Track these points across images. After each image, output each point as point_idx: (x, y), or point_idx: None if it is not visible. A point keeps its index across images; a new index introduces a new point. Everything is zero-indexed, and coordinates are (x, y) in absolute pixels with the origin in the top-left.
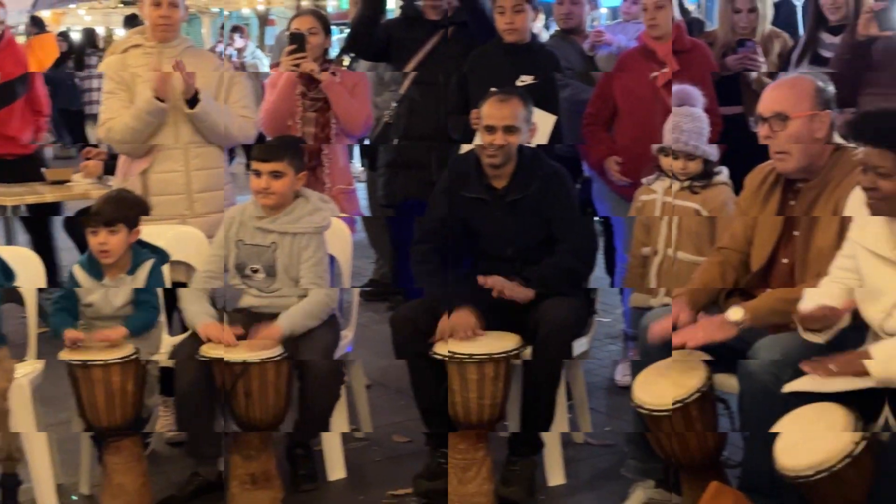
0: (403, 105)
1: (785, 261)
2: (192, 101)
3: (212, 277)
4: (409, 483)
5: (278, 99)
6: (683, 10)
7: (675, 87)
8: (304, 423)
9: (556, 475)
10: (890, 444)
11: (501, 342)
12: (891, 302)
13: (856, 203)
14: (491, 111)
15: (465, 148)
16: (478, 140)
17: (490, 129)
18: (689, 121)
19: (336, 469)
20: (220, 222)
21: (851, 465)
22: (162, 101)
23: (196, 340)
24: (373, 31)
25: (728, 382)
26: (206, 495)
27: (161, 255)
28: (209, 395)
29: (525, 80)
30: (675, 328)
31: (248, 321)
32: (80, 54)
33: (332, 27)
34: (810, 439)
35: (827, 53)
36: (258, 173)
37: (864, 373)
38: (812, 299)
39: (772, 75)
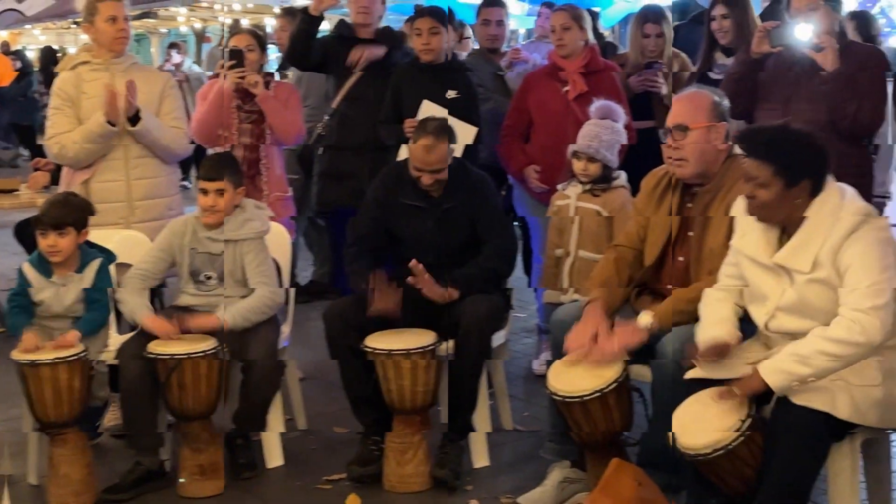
0: (335, 118)
1: (681, 259)
2: (134, 118)
3: (147, 277)
4: (342, 469)
5: (209, 110)
6: (598, 35)
7: (600, 102)
8: (244, 415)
9: (480, 458)
10: (773, 423)
11: (421, 337)
12: (773, 305)
13: (738, 210)
14: (421, 155)
15: (402, 155)
16: (404, 150)
17: (418, 170)
18: (608, 133)
19: (274, 457)
20: (160, 229)
21: (744, 443)
22: (113, 124)
23: (141, 338)
24: (309, 46)
25: (642, 372)
26: (149, 483)
27: (108, 255)
28: (151, 391)
29: (451, 94)
30: None
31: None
32: (46, 71)
33: (270, 46)
34: (707, 421)
35: (716, 75)
36: (206, 192)
37: (762, 389)
38: (706, 333)
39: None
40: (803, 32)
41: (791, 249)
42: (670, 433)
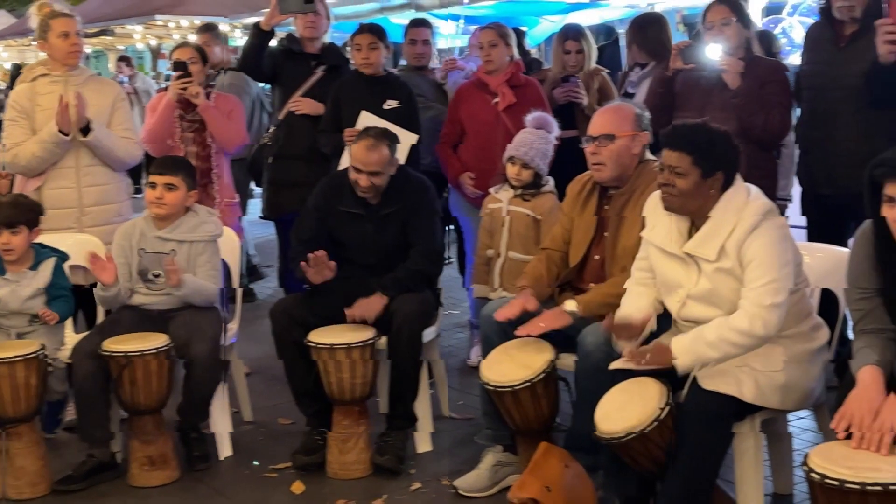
0: (282, 128)
1: (597, 257)
2: (86, 129)
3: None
4: (288, 458)
5: (158, 121)
6: (524, 52)
7: (536, 113)
8: (187, 408)
9: (424, 443)
10: (684, 409)
11: (361, 333)
12: (684, 293)
13: (650, 206)
14: (360, 155)
15: (342, 164)
16: (345, 159)
17: (357, 170)
18: (541, 142)
19: (224, 448)
20: (111, 233)
21: (657, 428)
22: (66, 133)
23: (95, 337)
24: (260, 58)
25: (567, 362)
26: (101, 474)
27: (61, 255)
28: (104, 387)
29: (391, 104)
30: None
31: (139, 318)
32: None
33: None
34: (625, 408)
35: (632, 89)
36: (154, 185)
37: (669, 364)
38: (621, 312)
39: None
40: (713, 52)
41: (699, 239)
42: (591, 419)
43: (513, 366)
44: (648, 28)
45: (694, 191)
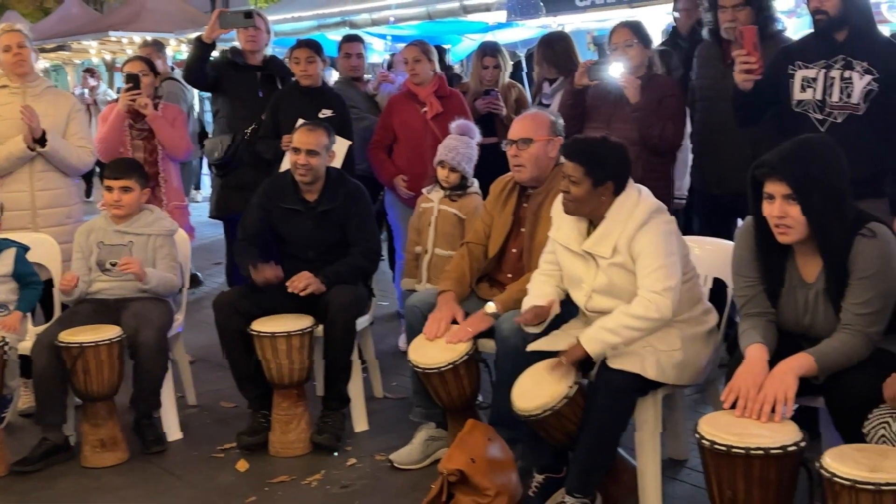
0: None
1: (514, 250)
2: (42, 139)
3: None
4: (233, 439)
5: (109, 130)
6: (447, 67)
7: (460, 121)
8: (140, 396)
9: (360, 423)
10: (594, 385)
11: (300, 321)
12: (589, 288)
13: (556, 208)
14: (300, 137)
15: (283, 167)
16: (286, 162)
17: (296, 151)
18: (466, 148)
19: (173, 431)
20: (65, 233)
21: (568, 404)
22: (32, 148)
23: (53, 329)
24: (203, 68)
25: (488, 345)
26: (55, 456)
27: (21, 246)
28: (61, 376)
29: (326, 113)
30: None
31: (95, 309)
32: None
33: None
34: (539, 387)
35: (546, 101)
36: (111, 189)
37: (584, 357)
38: (528, 301)
39: None
40: (615, 70)
41: (595, 238)
42: (510, 397)
43: (438, 350)
44: (556, 45)
45: (587, 197)
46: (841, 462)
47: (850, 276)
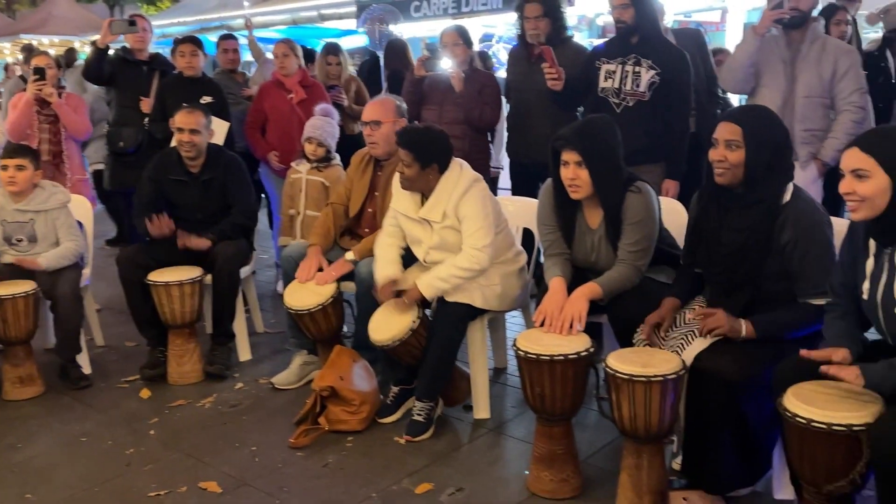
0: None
1: (370, 210)
2: None
3: None
4: (136, 372)
5: (19, 115)
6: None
7: (323, 105)
8: (63, 344)
9: (244, 353)
10: (435, 315)
11: (190, 272)
12: (427, 246)
13: (395, 184)
14: (182, 118)
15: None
16: (172, 143)
17: (180, 130)
18: (329, 126)
19: (83, 368)
20: None
21: (413, 335)
22: None
23: None
24: (99, 68)
25: (349, 286)
26: None
27: None
28: None
29: (206, 99)
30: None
31: (15, 268)
32: None
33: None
34: (389, 322)
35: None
36: (6, 167)
37: (421, 298)
38: (382, 272)
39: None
40: (445, 64)
41: (428, 207)
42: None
43: (308, 294)
44: (395, 46)
45: (417, 177)
46: (620, 362)
47: (622, 223)
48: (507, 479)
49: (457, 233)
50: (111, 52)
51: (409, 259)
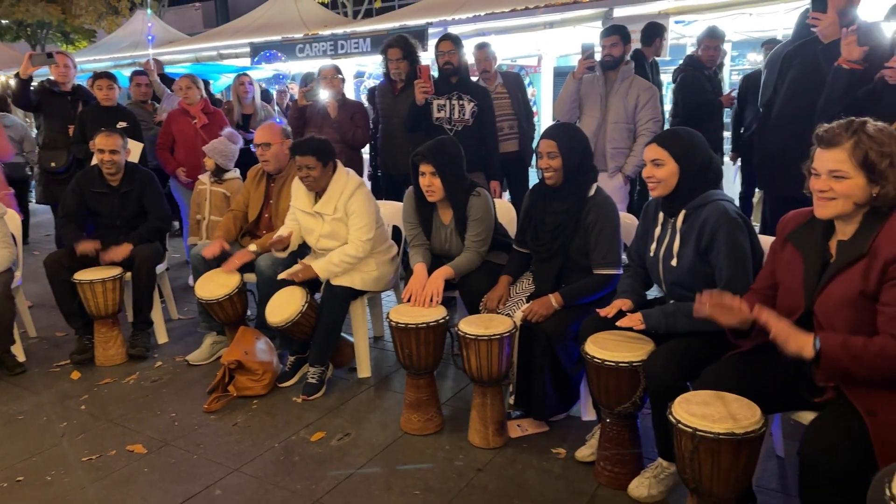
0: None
1: (266, 215)
2: None
3: None
4: (66, 358)
5: None
6: (210, 93)
7: (228, 130)
8: None
9: (162, 337)
10: (324, 297)
11: (110, 271)
12: (318, 234)
13: (295, 184)
14: (102, 140)
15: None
16: (93, 161)
17: (101, 151)
18: (223, 147)
19: (19, 356)
20: None
21: (303, 316)
22: None
23: None
24: (25, 97)
25: (251, 278)
26: None
27: None
28: None
29: (122, 124)
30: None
31: None
32: None
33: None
34: (281, 306)
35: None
36: None
37: (315, 277)
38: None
39: None
40: (323, 94)
41: (322, 203)
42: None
43: (215, 286)
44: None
45: (321, 175)
46: (469, 326)
47: (468, 219)
48: (385, 423)
49: (343, 224)
50: (35, 83)
51: (303, 251)
